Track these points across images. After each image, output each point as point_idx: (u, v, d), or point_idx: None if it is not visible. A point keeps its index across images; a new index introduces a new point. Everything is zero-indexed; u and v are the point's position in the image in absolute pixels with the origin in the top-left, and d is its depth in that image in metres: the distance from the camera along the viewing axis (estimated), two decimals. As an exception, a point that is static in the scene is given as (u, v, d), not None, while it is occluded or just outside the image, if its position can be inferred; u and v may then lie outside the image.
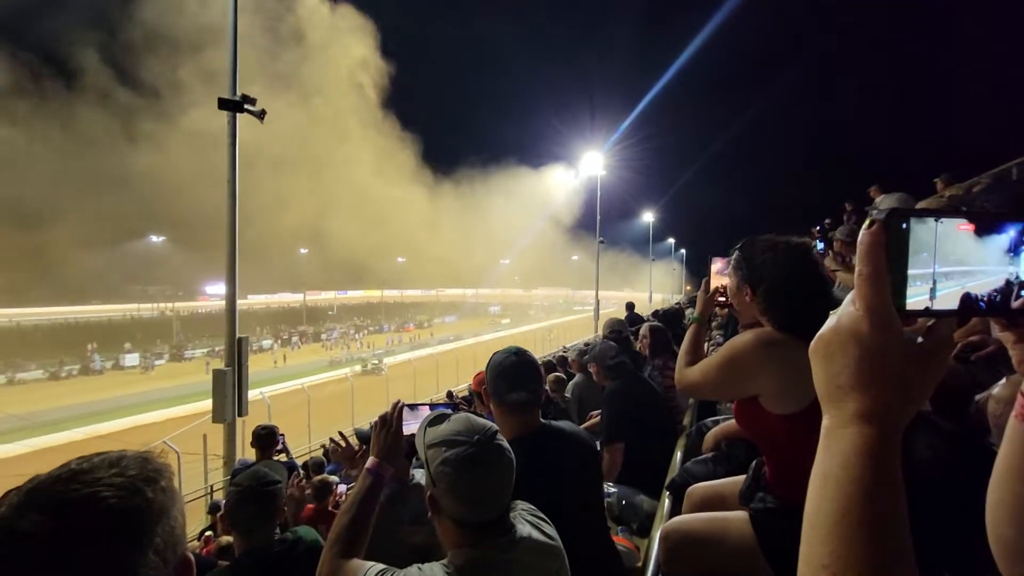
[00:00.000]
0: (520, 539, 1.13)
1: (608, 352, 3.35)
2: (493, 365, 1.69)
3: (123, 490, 0.59)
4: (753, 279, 1.50)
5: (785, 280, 1.44)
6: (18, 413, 19.31)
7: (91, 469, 0.60)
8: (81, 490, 0.58)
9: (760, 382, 1.44)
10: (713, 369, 1.55)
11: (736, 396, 1.55)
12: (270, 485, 1.86)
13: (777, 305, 1.45)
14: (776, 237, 1.51)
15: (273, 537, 1.85)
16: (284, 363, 37.89)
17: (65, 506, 0.57)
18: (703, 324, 1.81)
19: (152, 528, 0.61)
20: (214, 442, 9.42)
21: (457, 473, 1.07)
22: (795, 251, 1.48)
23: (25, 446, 16.63)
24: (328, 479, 4.72)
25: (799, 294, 1.43)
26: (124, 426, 20.23)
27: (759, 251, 1.50)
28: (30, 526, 0.55)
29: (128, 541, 0.59)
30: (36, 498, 0.57)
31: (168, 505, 0.64)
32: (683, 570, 1.61)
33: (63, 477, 0.59)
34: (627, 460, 2.91)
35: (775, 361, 1.40)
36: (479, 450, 1.08)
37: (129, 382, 31.96)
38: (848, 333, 0.44)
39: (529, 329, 45.53)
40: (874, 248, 0.43)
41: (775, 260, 1.46)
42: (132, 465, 0.62)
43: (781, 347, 1.40)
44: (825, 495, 0.42)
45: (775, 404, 1.42)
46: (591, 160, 29.71)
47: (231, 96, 7.50)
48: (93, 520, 0.57)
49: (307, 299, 67.33)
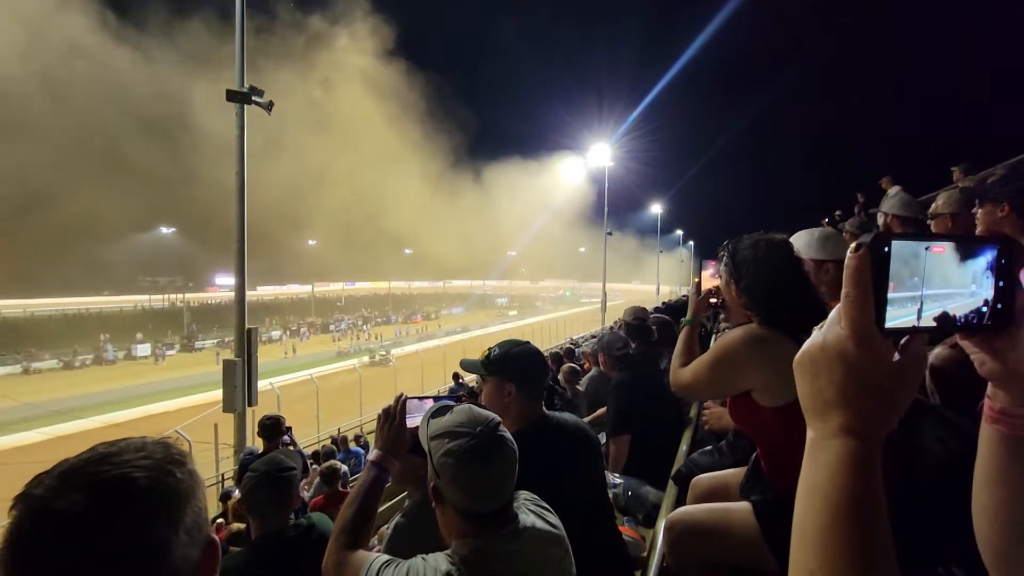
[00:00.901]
0: (523, 529, 1.14)
1: (616, 342, 3.34)
2: None
3: (153, 471, 0.61)
4: (737, 275, 1.56)
5: (765, 276, 1.50)
6: (34, 402, 19.67)
7: (119, 452, 0.62)
8: (112, 471, 0.59)
9: (750, 377, 1.49)
10: (704, 368, 1.59)
11: (728, 393, 1.58)
12: (286, 471, 1.90)
13: (759, 301, 1.51)
14: (760, 235, 1.57)
15: (288, 522, 1.89)
16: (294, 354, 38.24)
17: (99, 485, 0.58)
18: (696, 326, 1.84)
19: (182, 508, 0.62)
20: (225, 431, 9.55)
21: (460, 464, 1.08)
22: (775, 248, 1.53)
23: (42, 434, 16.94)
24: (335, 465, 4.79)
25: (779, 290, 1.48)
26: (137, 415, 20.54)
27: (742, 248, 1.56)
28: (67, 505, 0.56)
29: (161, 520, 0.60)
30: (70, 479, 0.58)
31: (194, 487, 0.66)
32: (687, 560, 1.63)
33: (93, 459, 0.60)
34: (633, 451, 2.91)
35: (763, 356, 1.44)
36: (481, 441, 1.09)
37: (141, 372, 32.42)
38: (834, 351, 0.46)
39: (536, 321, 45.56)
40: (860, 271, 0.45)
41: (756, 256, 1.52)
42: (157, 449, 0.64)
43: (768, 342, 1.45)
44: (813, 504, 0.45)
45: (767, 397, 1.46)
46: (599, 151, 29.52)
47: (239, 87, 7.52)
48: (127, 499, 0.59)
49: (315, 290, 67.76)
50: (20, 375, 31.84)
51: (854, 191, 10.61)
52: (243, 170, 7.82)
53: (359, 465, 9.78)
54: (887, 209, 3.34)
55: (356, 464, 9.65)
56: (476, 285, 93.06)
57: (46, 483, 0.58)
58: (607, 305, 25.60)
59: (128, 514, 0.58)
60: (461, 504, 1.10)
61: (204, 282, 66.61)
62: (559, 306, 72.42)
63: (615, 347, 3.30)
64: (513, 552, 1.10)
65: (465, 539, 1.10)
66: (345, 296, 76.38)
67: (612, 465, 2.92)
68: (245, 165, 7.83)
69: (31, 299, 51.86)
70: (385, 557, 1.14)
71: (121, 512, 0.58)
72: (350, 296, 77.52)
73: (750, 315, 1.54)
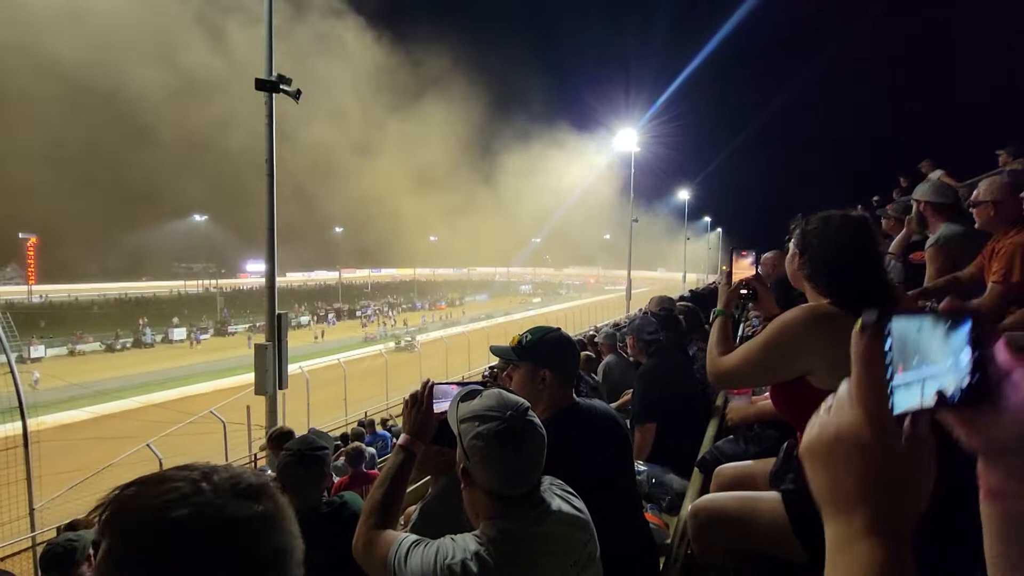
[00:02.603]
0: (550, 512, 1.16)
1: (647, 327, 3.31)
2: None
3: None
4: (804, 247, 1.50)
5: (834, 251, 1.43)
6: (80, 382, 20.65)
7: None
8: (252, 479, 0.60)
9: (810, 358, 1.39)
10: (757, 351, 1.48)
11: (781, 378, 1.48)
12: (319, 450, 2.01)
13: (826, 275, 1.44)
14: (833, 211, 1.50)
15: (321, 499, 1.99)
16: (322, 338, 39.13)
17: (260, 488, 0.59)
18: (729, 316, 1.79)
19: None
20: (257, 413, 9.87)
21: (489, 447, 1.10)
22: (848, 222, 1.46)
23: (87, 413, 17.78)
24: (360, 446, 4.93)
25: (848, 266, 1.41)
26: (175, 396, 21.38)
27: (813, 221, 1.49)
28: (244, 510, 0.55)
29: None
30: (232, 488, 0.56)
31: None
32: (712, 547, 1.63)
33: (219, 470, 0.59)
34: (658, 439, 2.90)
35: (829, 333, 1.34)
36: (511, 425, 1.11)
37: (178, 355, 33.64)
38: (851, 442, 0.43)
39: (560, 308, 45.48)
40: (871, 355, 0.42)
41: (826, 230, 1.45)
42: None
43: (836, 319, 1.36)
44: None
45: (827, 380, 1.36)
46: (625, 137, 29.04)
47: (267, 76, 7.63)
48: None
49: (342, 277, 68.94)
50: (66, 356, 33.39)
51: (892, 177, 10.22)
52: (272, 158, 7.96)
53: (386, 447, 9.99)
54: (920, 196, 3.14)
55: (383, 446, 9.87)
56: (500, 272, 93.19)
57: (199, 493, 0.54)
58: (632, 293, 25.39)
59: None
60: (490, 486, 1.12)
61: (236, 268, 68.58)
62: (583, 293, 72.04)
63: (646, 331, 3.27)
64: (540, 534, 1.12)
65: (493, 520, 1.12)
66: (371, 282, 77.53)
67: (636, 452, 2.91)
68: (274, 153, 7.97)
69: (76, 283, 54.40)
70: (414, 537, 1.18)
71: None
72: (376, 282, 78.65)
73: (817, 291, 1.46)
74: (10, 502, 6.41)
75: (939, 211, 3.00)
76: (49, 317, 41.09)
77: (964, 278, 2.63)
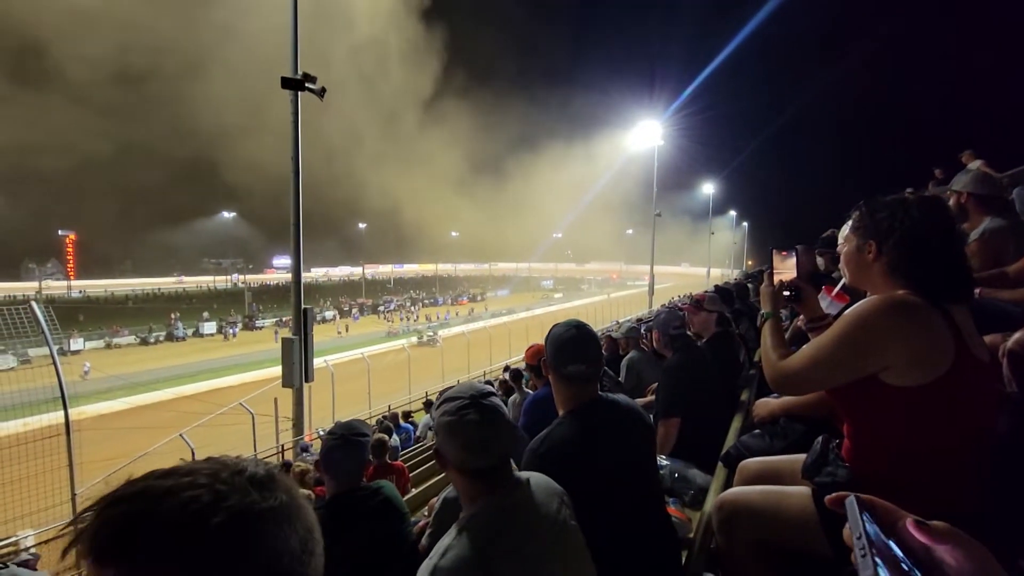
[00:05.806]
0: (521, 482, 1.25)
1: (672, 321, 3.29)
2: (553, 337, 1.72)
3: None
4: (880, 234, 1.37)
5: (923, 234, 1.32)
6: (117, 374, 21.46)
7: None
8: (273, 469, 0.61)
9: (891, 352, 1.24)
10: (829, 348, 1.31)
11: (854, 376, 1.31)
12: (360, 436, 2.09)
13: (911, 262, 1.32)
14: (903, 194, 1.38)
15: (359, 483, 2.08)
16: (346, 332, 39.78)
17: (282, 481, 0.58)
18: (778, 318, 1.68)
19: None
20: (284, 405, 10.11)
21: (452, 422, 1.20)
22: (931, 204, 1.35)
23: (124, 403, 18.46)
24: (384, 438, 5.02)
25: (940, 250, 1.31)
26: (205, 388, 22.05)
27: (887, 205, 1.38)
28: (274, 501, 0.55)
29: None
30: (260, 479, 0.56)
31: None
32: (735, 540, 1.62)
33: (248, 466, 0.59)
34: (683, 435, 2.88)
35: (915, 324, 1.23)
36: (472, 402, 1.21)
37: (208, 348, 34.62)
38: None
39: (582, 304, 45.27)
40: None
41: (907, 213, 1.34)
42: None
43: (920, 309, 1.25)
44: None
45: (906, 376, 1.24)
46: (649, 130, 28.68)
47: (292, 75, 7.76)
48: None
49: (365, 272, 69.85)
50: (103, 349, 34.66)
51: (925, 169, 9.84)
52: (298, 155, 8.10)
53: (409, 440, 10.15)
54: (960, 187, 2.89)
55: (406, 438, 10.03)
56: (521, 267, 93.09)
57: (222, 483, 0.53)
58: (654, 288, 25.12)
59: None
60: (457, 460, 1.21)
61: (263, 264, 70.14)
62: (605, 288, 71.50)
63: (671, 325, 3.25)
64: (512, 506, 1.19)
65: (474, 502, 1.20)
66: (394, 278, 78.34)
67: (660, 447, 2.90)
68: (300, 151, 8.11)
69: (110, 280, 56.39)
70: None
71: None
72: (399, 278, 79.45)
73: (895, 282, 1.35)
74: (54, 488, 6.70)
75: (982, 203, 2.83)
76: (87, 311, 42.68)
77: (1012, 273, 2.53)
